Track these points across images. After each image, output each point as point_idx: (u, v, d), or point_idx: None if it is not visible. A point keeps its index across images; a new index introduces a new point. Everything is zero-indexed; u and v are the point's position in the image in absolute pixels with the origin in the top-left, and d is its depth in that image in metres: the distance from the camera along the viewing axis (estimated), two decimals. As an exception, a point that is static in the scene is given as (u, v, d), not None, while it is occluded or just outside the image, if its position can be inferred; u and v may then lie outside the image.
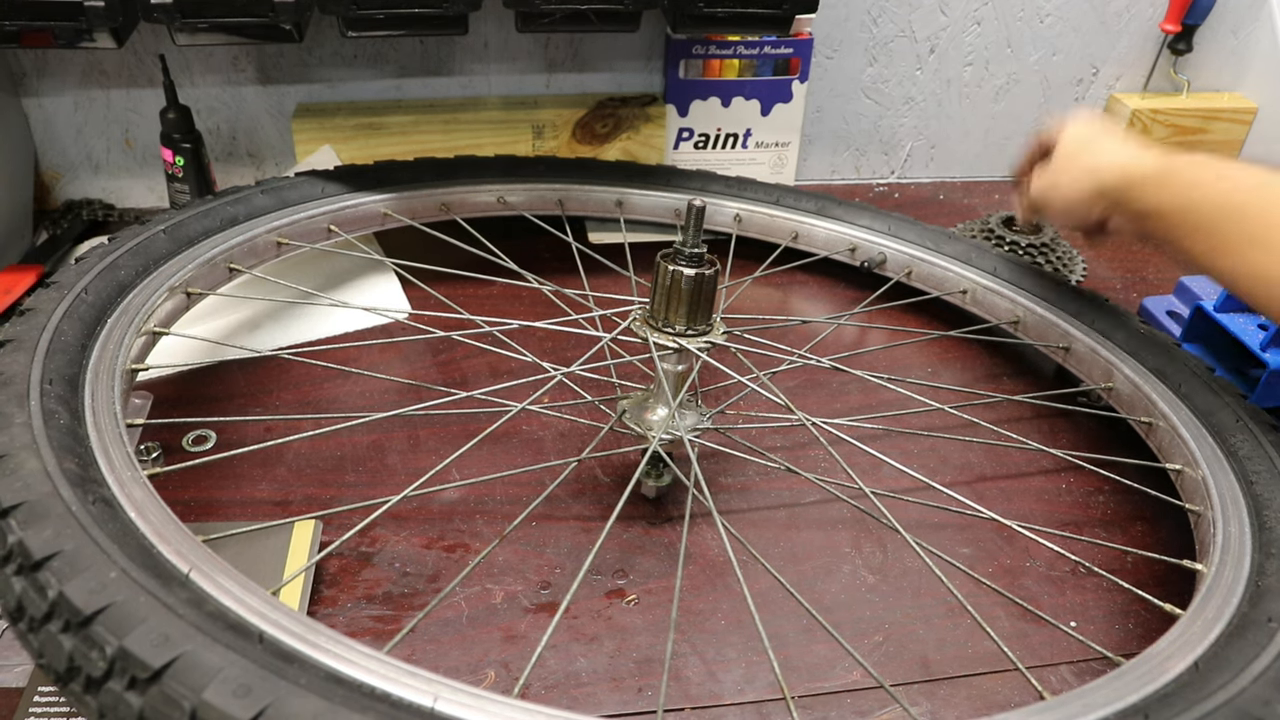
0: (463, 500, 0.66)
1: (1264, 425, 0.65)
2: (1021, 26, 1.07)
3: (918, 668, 0.56)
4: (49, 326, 0.56)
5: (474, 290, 0.84)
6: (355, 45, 0.97)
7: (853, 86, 1.08)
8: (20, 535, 0.41)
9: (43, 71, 0.93)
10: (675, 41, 0.97)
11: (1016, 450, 0.73)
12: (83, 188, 1.01)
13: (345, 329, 0.82)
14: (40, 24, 0.72)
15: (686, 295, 0.60)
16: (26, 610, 0.40)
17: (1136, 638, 0.58)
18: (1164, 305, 0.86)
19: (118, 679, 0.37)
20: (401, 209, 0.84)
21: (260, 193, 0.78)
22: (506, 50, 1.00)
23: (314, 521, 0.59)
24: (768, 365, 0.74)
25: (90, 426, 0.50)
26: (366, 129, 0.96)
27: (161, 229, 0.69)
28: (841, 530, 0.65)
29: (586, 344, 0.73)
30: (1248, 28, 1.10)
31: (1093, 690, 0.45)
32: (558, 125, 0.99)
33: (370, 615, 0.57)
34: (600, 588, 0.60)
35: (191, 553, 0.43)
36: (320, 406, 0.74)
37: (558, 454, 0.71)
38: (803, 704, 0.54)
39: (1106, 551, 0.64)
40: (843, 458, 0.62)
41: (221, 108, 0.98)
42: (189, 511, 0.63)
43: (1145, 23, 1.09)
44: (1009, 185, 0.85)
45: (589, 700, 0.53)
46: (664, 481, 0.65)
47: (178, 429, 0.70)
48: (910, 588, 0.61)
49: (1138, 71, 1.13)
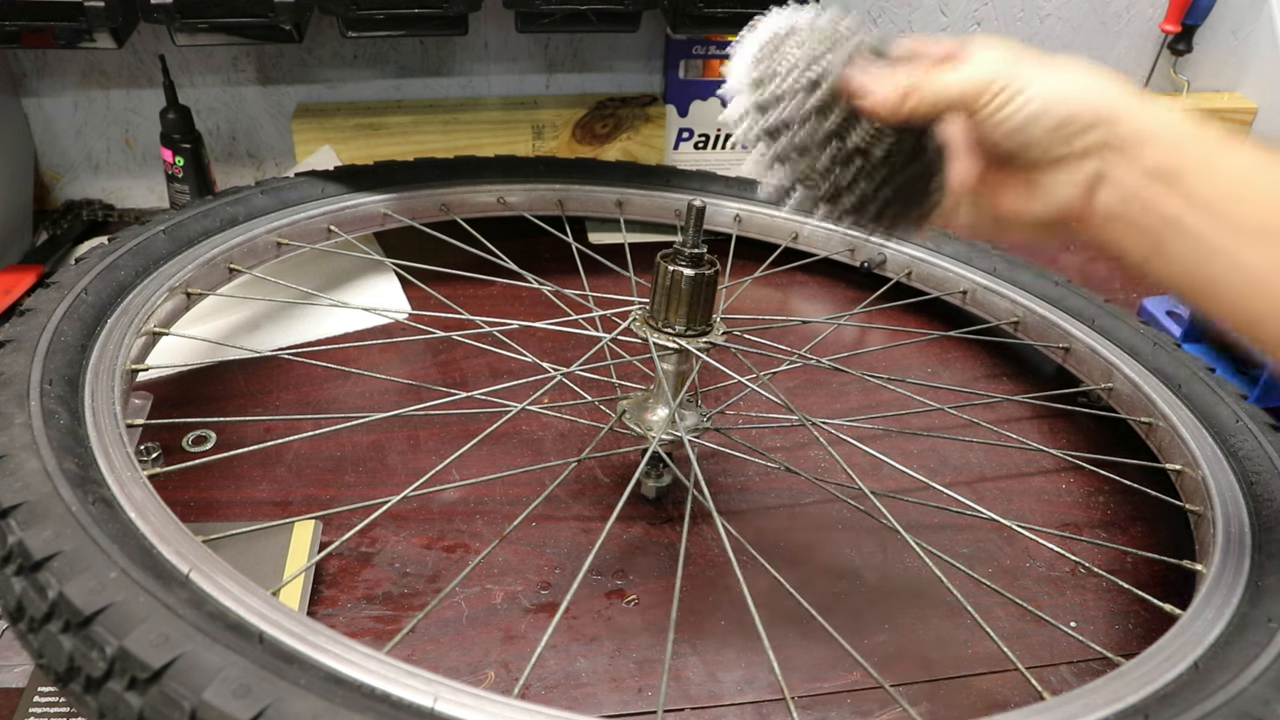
0: (463, 500, 0.66)
1: (1264, 425, 0.65)
2: (1021, 26, 1.07)
3: (918, 668, 0.56)
4: (49, 327, 0.56)
5: (474, 290, 0.84)
6: (355, 45, 0.97)
7: (853, 87, 1.08)
8: (20, 535, 0.41)
9: (43, 71, 0.93)
10: (675, 41, 0.97)
11: (1016, 450, 0.73)
12: (83, 188, 1.01)
13: (345, 329, 0.82)
14: (40, 24, 0.72)
15: (686, 295, 0.60)
16: (26, 610, 0.40)
17: (1136, 638, 0.58)
18: (1164, 305, 0.86)
19: (118, 679, 0.37)
20: (401, 209, 0.84)
21: (260, 193, 0.78)
22: (506, 50, 1.00)
23: (314, 522, 0.59)
24: (768, 365, 0.74)
25: (90, 427, 0.50)
26: (366, 129, 0.96)
27: (161, 229, 0.69)
28: (841, 530, 0.65)
29: (586, 344, 0.73)
30: (1248, 28, 1.10)
31: (1093, 690, 0.45)
32: (557, 125, 0.99)
33: (370, 615, 0.57)
34: (600, 588, 0.60)
35: (191, 553, 0.43)
36: (320, 407, 0.74)
37: (558, 454, 0.71)
38: (803, 704, 0.54)
39: (1106, 552, 0.64)
40: (843, 458, 0.62)
41: (221, 108, 0.98)
42: (189, 512, 0.63)
43: (1145, 23, 1.09)
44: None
45: (589, 700, 0.53)
46: (664, 482, 0.65)
47: (178, 429, 0.70)
48: (910, 588, 0.61)
49: (1138, 72, 1.13)
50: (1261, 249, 0.39)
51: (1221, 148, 0.41)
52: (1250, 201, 0.39)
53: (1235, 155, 0.41)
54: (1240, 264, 0.39)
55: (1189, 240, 0.41)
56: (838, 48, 0.49)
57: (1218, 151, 0.41)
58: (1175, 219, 0.41)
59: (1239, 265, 0.39)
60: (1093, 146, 0.43)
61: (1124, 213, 0.43)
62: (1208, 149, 0.41)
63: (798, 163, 0.50)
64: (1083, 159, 0.44)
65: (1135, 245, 0.43)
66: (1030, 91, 0.44)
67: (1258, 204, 0.39)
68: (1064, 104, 0.43)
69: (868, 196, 0.51)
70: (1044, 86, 0.44)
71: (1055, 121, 0.43)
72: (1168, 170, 0.41)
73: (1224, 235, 0.40)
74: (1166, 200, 0.41)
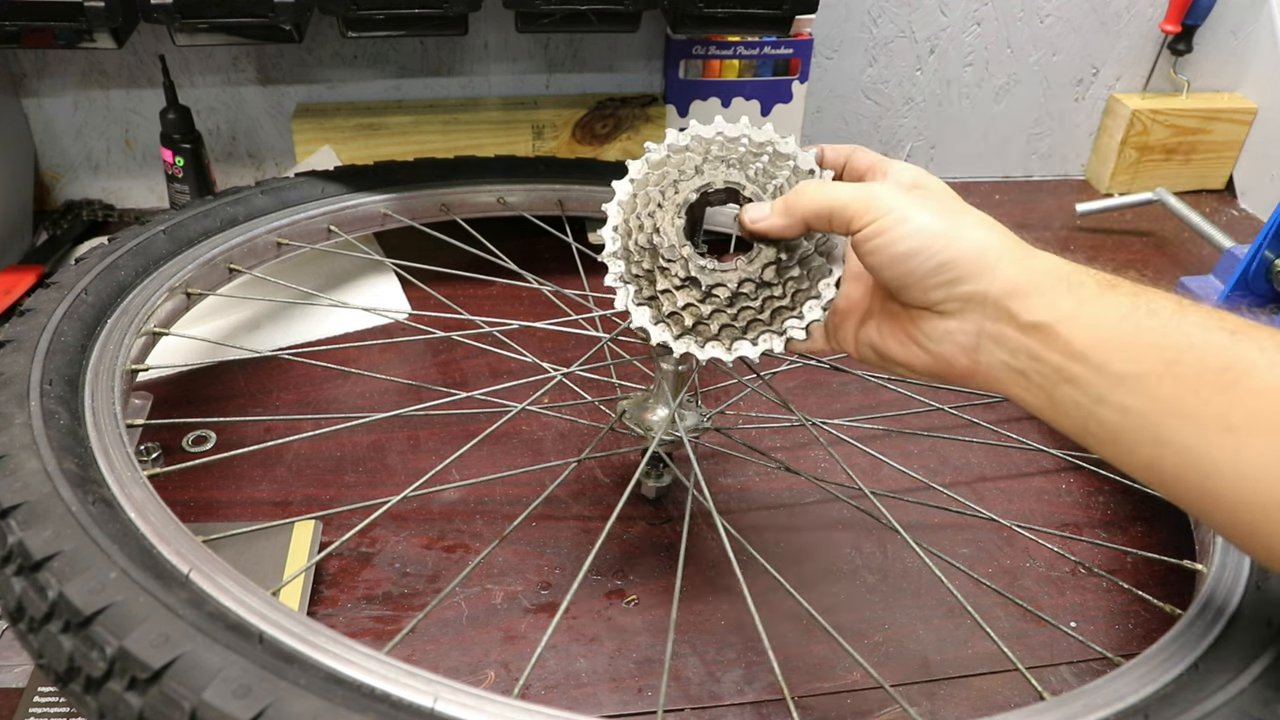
0: (463, 500, 0.66)
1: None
2: (1021, 27, 1.07)
3: (918, 668, 0.56)
4: (49, 327, 0.56)
5: (474, 290, 0.84)
6: (355, 45, 0.97)
7: (853, 87, 1.08)
8: (20, 535, 0.41)
9: (43, 72, 0.93)
10: (675, 42, 0.97)
11: (1016, 450, 0.73)
12: (83, 188, 1.01)
13: (345, 329, 0.82)
14: (40, 24, 0.72)
15: (686, 296, 0.59)
16: (26, 611, 0.40)
17: (1136, 638, 0.58)
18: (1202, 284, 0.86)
19: (118, 679, 0.37)
20: (401, 209, 0.84)
21: (260, 193, 0.78)
22: (506, 50, 1.00)
23: (314, 522, 0.59)
24: (768, 365, 0.74)
25: (90, 427, 0.50)
26: (366, 129, 0.96)
27: (161, 229, 0.69)
28: (841, 530, 0.65)
29: (586, 344, 0.73)
30: (1248, 28, 1.10)
31: (1093, 690, 0.45)
32: (557, 125, 0.99)
33: (370, 615, 0.57)
34: (600, 588, 0.60)
35: (191, 553, 0.43)
36: (320, 407, 0.74)
37: (558, 454, 0.71)
38: (803, 704, 0.54)
39: (1106, 552, 0.64)
40: (842, 458, 0.62)
41: (221, 108, 0.98)
42: (189, 512, 0.63)
43: (1145, 23, 1.09)
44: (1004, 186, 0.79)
45: (589, 700, 0.53)
46: (664, 482, 0.65)
47: (178, 429, 0.70)
48: (910, 588, 0.61)
49: (1138, 72, 1.13)
50: (1137, 392, 0.40)
51: (1096, 297, 0.42)
52: (1119, 347, 0.40)
53: (1107, 303, 0.42)
54: (1125, 409, 0.40)
55: (1076, 390, 0.42)
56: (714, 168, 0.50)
57: (1091, 300, 0.42)
58: (1059, 368, 0.42)
59: (1124, 410, 0.40)
60: (972, 298, 0.43)
61: (1013, 365, 0.43)
62: (1082, 296, 0.42)
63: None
64: (962, 313, 0.44)
65: (1031, 398, 0.44)
66: (910, 228, 0.44)
67: (1124, 350, 0.40)
68: (942, 249, 0.43)
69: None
70: (925, 226, 0.44)
71: (933, 264, 0.44)
72: (1044, 324, 0.42)
73: (1104, 383, 0.41)
74: (1047, 353, 0.42)
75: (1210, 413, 0.38)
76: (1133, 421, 0.40)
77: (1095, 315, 0.41)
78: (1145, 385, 0.40)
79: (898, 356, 0.48)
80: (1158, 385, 0.39)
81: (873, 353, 0.50)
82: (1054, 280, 0.43)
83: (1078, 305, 0.42)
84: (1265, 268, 0.83)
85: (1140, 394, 0.40)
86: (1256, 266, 0.82)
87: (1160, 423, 0.39)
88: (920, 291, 0.45)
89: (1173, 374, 0.39)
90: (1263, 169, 1.12)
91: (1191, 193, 1.15)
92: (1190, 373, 0.39)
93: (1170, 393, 0.39)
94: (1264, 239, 0.81)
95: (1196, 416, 0.38)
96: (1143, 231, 1.07)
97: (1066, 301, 0.42)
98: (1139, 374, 0.40)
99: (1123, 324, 0.41)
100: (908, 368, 0.48)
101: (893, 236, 0.44)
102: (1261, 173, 1.12)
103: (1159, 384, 0.39)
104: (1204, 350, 0.39)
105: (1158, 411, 0.39)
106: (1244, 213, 1.13)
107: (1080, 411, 0.42)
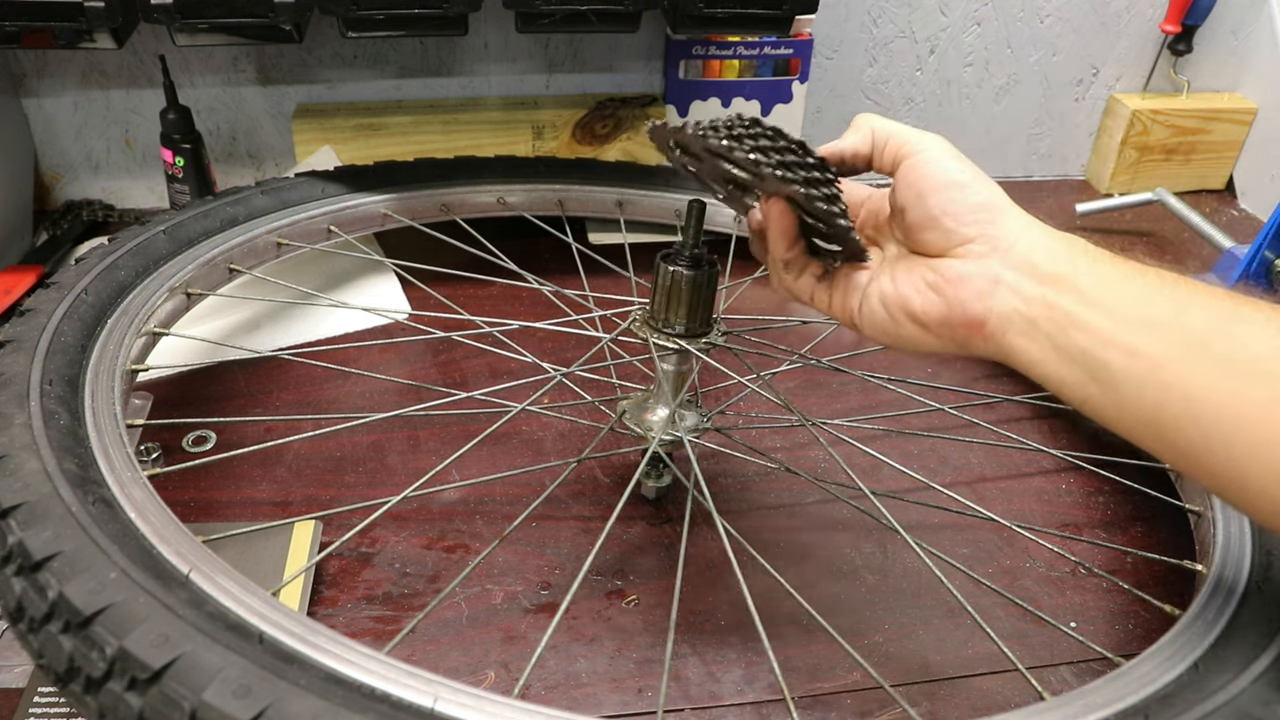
0: (463, 501, 0.66)
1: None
2: (1021, 27, 1.07)
3: (918, 668, 0.56)
4: (49, 327, 0.56)
5: (474, 291, 0.84)
6: (355, 46, 0.97)
7: (853, 87, 1.08)
8: (20, 536, 0.41)
9: (43, 72, 0.93)
10: (675, 42, 0.97)
11: (1016, 450, 0.73)
12: (83, 188, 1.01)
13: (345, 329, 0.82)
14: (40, 24, 0.72)
15: (686, 296, 0.59)
16: (26, 611, 0.40)
17: (1136, 638, 0.58)
18: None
19: (118, 679, 0.37)
20: (401, 209, 0.84)
21: (260, 193, 0.78)
22: (506, 51, 1.00)
23: (314, 522, 0.59)
24: (767, 366, 0.74)
25: (90, 427, 0.50)
26: (366, 129, 0.96)
27: (161, 229, 0.69)
28: (841, 531, 0.65)
29: (586, 344, 0.73)
30: (1248, 28, 1.10)
31: (1093, 690, 0.45)
32: (558, 126, 0.99)
33: (370, 616, 0.57)
34: (600, 588, 0.60)
35: (191, 553, 0.43)
36: (320, 407, 0.74)
37: (558, 454, 0.71)
38: (803, 704, 0.54)
39: (1106, 552, 0.64)
40: (842, 458, 0.62)
41: (221, 108, 0.98)
42: (189, 512, 0.63)
43: (1145, 23, 1.09)
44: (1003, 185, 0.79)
45: (589, 701, 0.53)
46: (664, 482, 0.65)
47: (178, 429, 0.70)
48: (910, 588, 0.61)
49: (1138, 72, 1.13)
50: (1146, 335, 0.42)
51: (1111, 260, 0.45)
52: (1132, 296, 0.43)
53: (1121, 265, 0.45)
54: (1134, 351, 0.42)
55: (1085, 334, 0.43)
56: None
57: (1106, 260, 0.45)
58: (1070, 313, 0.43)
59: (1133, 353, 0.42)
60: (1000, 242, 0.45)
61: (1025, 312, 0.44)
62: (1097, 257, 0.45)
63: None
64: (984, 257, 0.45)
65: (1036, 348, 0.44)
66: (962, 163, 0.48)
67: (1137, 298, 0.43)
68: (985, 188, 0.47)
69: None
70: (971, 168, 0.48)
71: (976, 201, 0.46)
72: (1063, 274, 0.44)
73: (1114, 326, 0.42)
74: (1062, 299, 0.44)
75: (1214, 355, 0.40)
76: (1139, 365, 0.42)
77: (1110, 270, 0.44)
78: (1154, 329, 0.42)
79: (913, 305, 0.47)
80: (1165, 331, 0.41)
81: (883, 309, 0.49)
82: (1073, 242, 0.46)
83: (1093, 263, 0.44)
84: (1265, 268, 0.83)
85: (1149, 336, 0.42)
86: (1256, 266, 0.82)
87: (1165, 367, 0.41)
88: (955, 224, 0.46)
89: (1179, 324, 0.41)
90: (1263, 169, 1.12)
91: (1191, 193, 1.15)
92: (1197, 321, 0.41)
93: (1178, 336, 0.41)
94: (1264, 239, 0.81)
95: (1201, 360, 0.40)
96: (1143, 232, 1.07)
97: (1084, 259, 0.45)
98: (1149, 320, 0.42)
99: (1136, 279, 0.43)
100: (918, 322, 0.48)
101: (945, 166, 0.47)
102: (1261, 173, 1.12)
103: (1166, 330, 0.41)
104: (1209, 302, 0.42)
105: (1165, 355, 0.41)
106: (1244, 213, 1.13)
107: (1086, 358, 0.43)
